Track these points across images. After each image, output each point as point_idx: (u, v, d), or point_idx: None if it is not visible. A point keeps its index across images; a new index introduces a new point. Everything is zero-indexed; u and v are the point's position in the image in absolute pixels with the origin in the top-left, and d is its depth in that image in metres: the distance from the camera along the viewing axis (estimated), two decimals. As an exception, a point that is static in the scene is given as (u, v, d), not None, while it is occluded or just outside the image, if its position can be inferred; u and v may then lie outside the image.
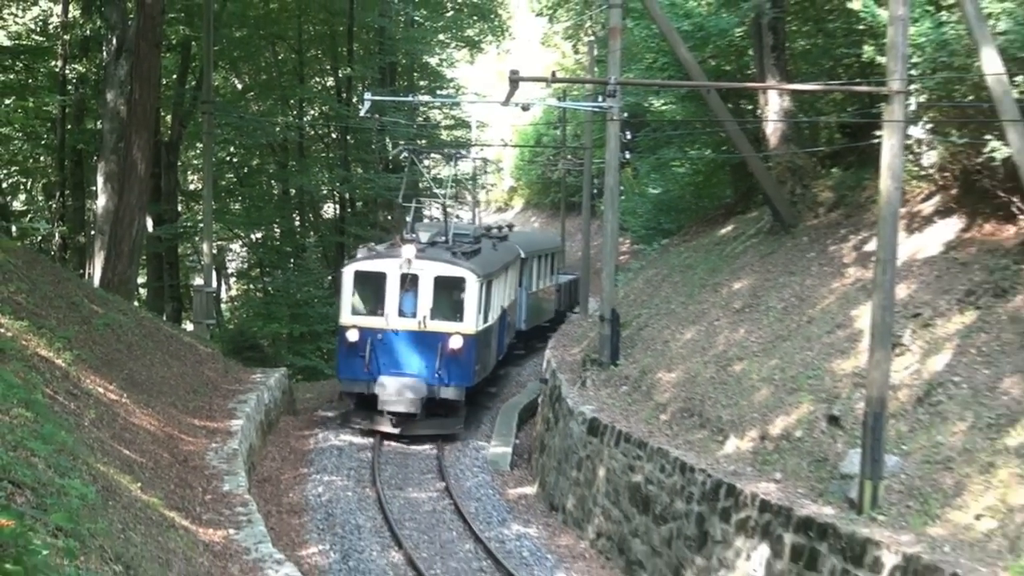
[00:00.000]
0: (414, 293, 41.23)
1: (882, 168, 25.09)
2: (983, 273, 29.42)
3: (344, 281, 42.08)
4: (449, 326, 41.19)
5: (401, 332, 41.11)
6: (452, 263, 41.92)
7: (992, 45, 26.54)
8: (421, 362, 40.93)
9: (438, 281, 41.39)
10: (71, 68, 47.10)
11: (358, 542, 28.98)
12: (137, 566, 15.02)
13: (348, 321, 41.23)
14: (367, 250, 43.54)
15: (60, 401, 21.45)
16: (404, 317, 41.16)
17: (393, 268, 41.22)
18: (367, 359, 40.18)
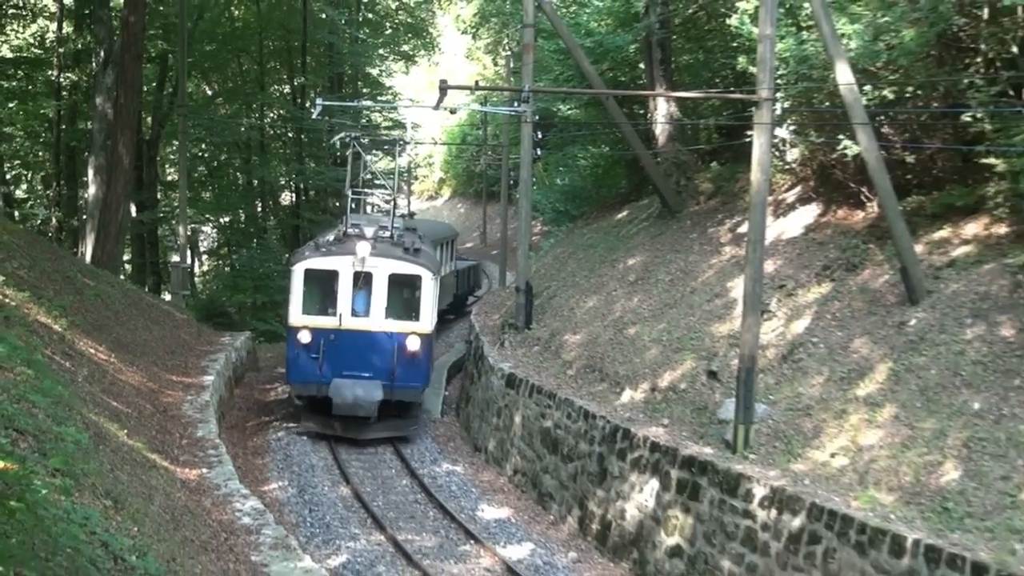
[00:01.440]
0: (367, 292, 34.31)
1: (753, 163, 25.21)
2: (837, 251, 29.64)
3: (294, 279, 34.34)
4: (405, 326, 34.43)
5: (355, 332, 34.12)
6: (407, 260, 34.95)
7: (845, 60, 26.67)
8: (376, 363, 34.11)
9: (392, 279, 34.52)
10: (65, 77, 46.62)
11: (312, 479, 28.99)
12: (124, 500, 14.89)
13: (299, 321, 34.01)
14: (315, 246, 35.60)
15: (57, 360, 21.24)
16: (357, 317, 34.23)
17: (345, 266, 34.05)
18: (320, 361, 33.41)
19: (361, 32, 56.03)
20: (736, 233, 34.31)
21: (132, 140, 40.91)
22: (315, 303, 34.23)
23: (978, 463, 19.82)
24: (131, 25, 39.00)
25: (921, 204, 28.83)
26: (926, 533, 18.36)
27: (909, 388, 22.86)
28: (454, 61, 69.38)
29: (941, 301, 24.97)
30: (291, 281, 34.31)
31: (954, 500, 19.25)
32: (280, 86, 55.73)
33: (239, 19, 52.46)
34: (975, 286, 24.77)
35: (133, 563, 11.57)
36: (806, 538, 20.41)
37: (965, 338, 23.36)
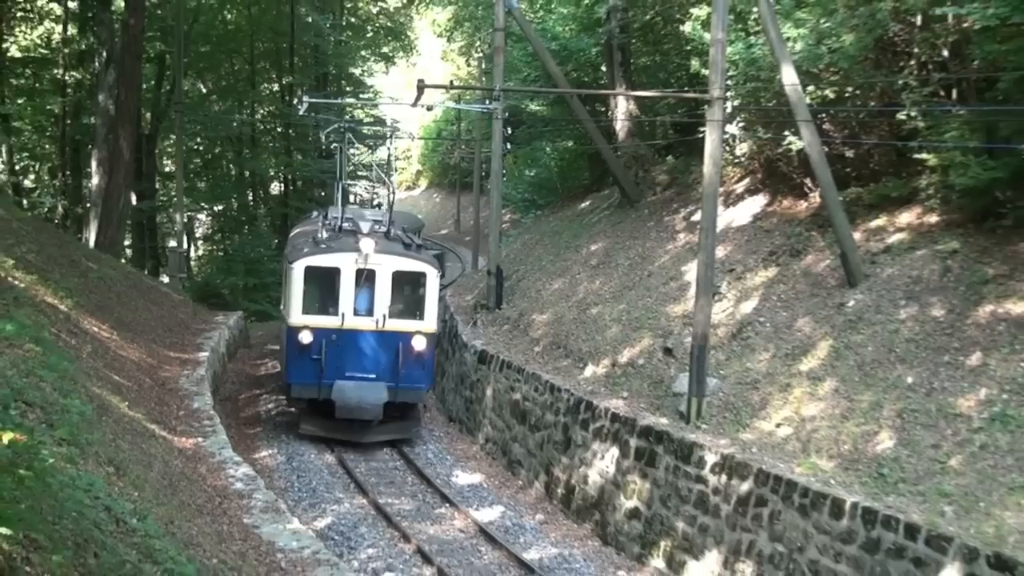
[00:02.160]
0: (370, 290, 30.77)
1: (705, 157, 25.20)
2: (782, 238, 29.70)
3: (293, 277, 30.62)
4: (410, 325, 30.90)
5: (358, 332, 30.52)
6: (411, 257, 31.44)
7: (790, 62, 26.68)
8: (381, 364, 30.59)
9: (397, 276, 30.94)
10: (70, 75, 46.34)
11: (300, 447, 28.94)
12: (125, 467, 14.83)
13: (299, 321, 30.32)
14: (314, 243, 31.57)
15: (63, 338, 21.12)
16: (360, 316, 30.58)
17: (348, 263, 30.41)
18: (322, 362, 29.74)
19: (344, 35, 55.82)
20: (690, 221, 34.34)
21: (132, 134, 40.84)
22: (316, 302, 30.68)
23: (911, 432, 19.92)
24: (131, 27, 39.01)
25: (859, 195, 28.90)
26: (863, 497, 18.46)
27: (848, 364, 22.96)
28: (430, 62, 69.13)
29: (877, 284, 25.05)
30: (290, 279, 30.51)
31: (889, 466, 19.34)
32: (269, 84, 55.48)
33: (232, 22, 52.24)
34: (908, 270, 24.87)
35: (134, 525, 11.52)
36: (753, 501, 20.50)
37: (899, 318, 23.46)
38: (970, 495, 17.69)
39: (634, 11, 43.38)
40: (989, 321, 21.87)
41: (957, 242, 24.84)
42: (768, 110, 31.85)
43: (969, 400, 19.87)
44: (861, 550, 17.88)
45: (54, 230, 39.81)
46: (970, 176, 24.48)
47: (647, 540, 23.55)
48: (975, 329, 21.87)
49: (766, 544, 20.11)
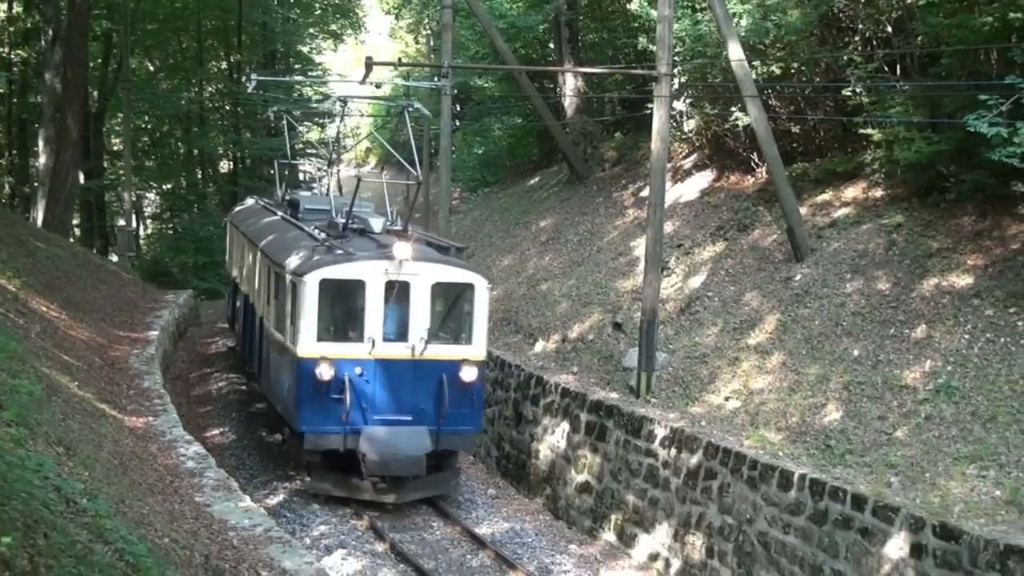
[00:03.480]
0: (403, 307, 23.21)
1: (653, 133, 25.22)
2: (729, 213, 29.81)
3: (304, 295, 22.59)
4: (454, 351, 23.47)
5: (390, 363, 23.01)
6: (454, 264, 24.35)
7: (736, 38, 26.72)
8: (419, 403, 23.20)
9: (437, 290, 23.48)
10: (15, 53, 45.90)
11: (251, 426, 28.59)
12: (76, 447, 14.68)
13: (313, 351, 22.57)
14: (325, 248, 23.80)
15: (11, 318, 20.89)
16: (390, 341, 23.04)
17: (376, 274, 22.77)
18: (346, 403, 22.28)
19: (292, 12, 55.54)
20: (638, 197, 34.39)
21: (79, 113, 40.53)
22: (335, 325, 23.27)
23: (857, 405, 20.07)
24: (77, 5, 38.72)
25: (805, 170, 29.03)
26: (811, 468, 18.57)
27: (795, 337, 23.10)
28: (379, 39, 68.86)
29: (824, 258, 25.18)
30: (300, 296, 22.54)
31: (836, 438, 19.49)
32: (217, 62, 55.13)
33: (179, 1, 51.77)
34: (854, 244, 25.01)
35: (84, 505, 11.41)
36: (703, 474, 20.59)
37: (845, 291, 23.61)
38: (916, 466, 17.84)
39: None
40: (933, 294, 22.03)
41: (902, 216, 25.01)
42: (715, 86, 31.93)
43: (914, 372, 20.02)
44: (809, 521, 17.99)
45: (1, 210, 39.49)
46: (914, 151, 24.62)
47: (598, 514, 23.63)
48: (920, 302, 22.03)
49: (716, 516, 20.20)
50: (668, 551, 21.54)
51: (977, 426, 18.38)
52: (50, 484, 11.28)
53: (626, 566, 21.87)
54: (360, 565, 18.62)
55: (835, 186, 28.01)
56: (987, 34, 22.79)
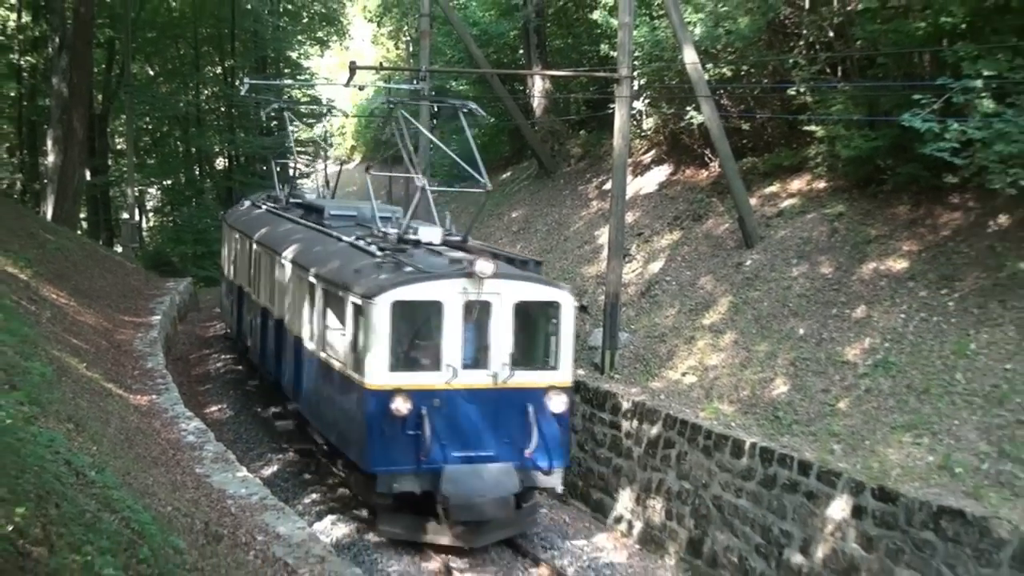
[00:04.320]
0: (484, 330, 18.95)
1: (615, 131, 25.24)
2: (685, 204, 29.87)
3: (375, 319, 18.09)
4: (541, 378, 19.11)
5: (471, 393, 18.78)
6: (538, 281, 19.89)
7: (691, 43, 26.74)
8: (503, 437, 18.96)
9: (520, 310, 19.05)
10: (25, 60, 45.57)
11: (247, 403, 28.43)
12: (84, 424, 14.61)
13: (386, 381, 18.21)
14: (392, 265, 19.07)
15: (23, 305, 20.77)
16: (470, 369, 18.75)
17: (453, 294, 18.52)
18: (425, 440, 18.05)
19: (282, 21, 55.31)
20: (601, 190, 34.41)
21: (85, 115, 40.35)
22: (409, 353, 18.80)
23: (803, 379, 20.17)
24: (82, 15, 38.56)
25: (755, 164, 29.11)
26: (761, 437, 18.67)
27: (746, 317, 23.19)
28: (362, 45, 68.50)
29: (772, 245, 25.26)
30: (368, 321, 17.95)
31: (784, 410, 19.58)
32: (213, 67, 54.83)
33: (176, 9, 51.61)
34: (799, 232, 25.10)
35: (93, 477, 11.36)
36: (662, 443, 20.68)
37: (791, 275, 23.70)
38: (856, 434, 17.94)
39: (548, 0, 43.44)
40: (872, 277, 22.13)
41: (843, 206, 25.09)
42: (671, 87, 31.94)
43: (855, 349, 20.11)
44: (759, 486, 18.09)
45: (13, 205, 39.33)
46: (854, 146, 24.69)
47: (566, 482, 23.68)
48: (860, 285, 22.12)
49: (674, 482, 20.29)
50: (631, 514, 21.64)
51: (912, 398, 18.48)
52: (61, 458, 11.23)
53: (593, 529, 21.92)
54: (348, 528, 18.60)
55: (782, 179, 28.10)
56: (920, 38, 22.85)
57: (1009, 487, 15.81)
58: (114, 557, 8.83)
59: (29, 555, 7.57)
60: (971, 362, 18.69)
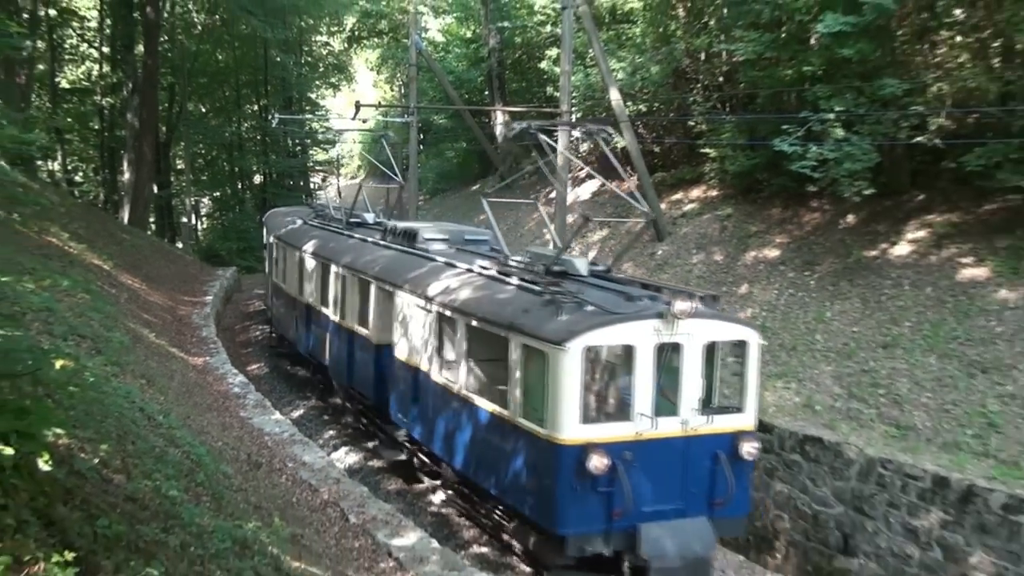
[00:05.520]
0: (672, 374, 12.88)
1: (559, 153, 25.19)
2: (612, 208, 29.85)
3: (565, 367, 11.64)
4: (727, 422, 12.97)
5: (661, 442, 12.43)
6: (726, 318, 13.53)
7: (615, 86, 26.76)
8: (690, 487, 12.70)
9: (709, 350, 12.99)
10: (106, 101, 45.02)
11: (280, 362, 28.06)
12: (154, 379, 14.51)
13: (577, 435, 11.75)
14: (573, 304, 12.32)
15: (106, 289, 20.56)
16: (659, 416, 12.37)
17: (645, 337, 12.16)
18: (621, 497, 11.75)
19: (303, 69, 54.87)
20: (548, 197, 34.35)
21: (152, 142, 39.98)
22: (600, 402, 13.49)
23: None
24: (149, 65, 38.23)
25: (664, 178, 29.19)
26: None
27: (658, 294, 23.23)
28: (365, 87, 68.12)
29: (677, 239, 25.34)
30: (555, 369, 11.94)
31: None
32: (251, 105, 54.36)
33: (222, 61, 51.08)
34: (698, 229, 25.19)
35: (161, 421, 11.29)
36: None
37: (692, 262, 23.78)
38: (741, 381, 18.02)
39: (507, 51, 43.34)
40: (753, 263, 22.26)
41: (731, 209, 25.23)
42: (600, 119, 31.98)
43: (741, 316, 20.20)
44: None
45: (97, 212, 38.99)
46: (738, 164, 24.86)
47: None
48: (743, 268, 22.24)
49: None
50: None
51: (783, 353, 18.62)
52: (136, 406, 11.16)
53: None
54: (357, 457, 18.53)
55: (684, 188, 28.21)
56: (788, 82, 22.96)
57: (856, 420, 15.99)
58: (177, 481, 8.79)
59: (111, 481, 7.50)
60: (827, 326, 18.86)
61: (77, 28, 45.87)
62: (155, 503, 7.60)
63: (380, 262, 18.42)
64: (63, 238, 22.97)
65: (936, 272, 18.99)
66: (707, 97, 28.36)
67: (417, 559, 10.63)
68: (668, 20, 29.24)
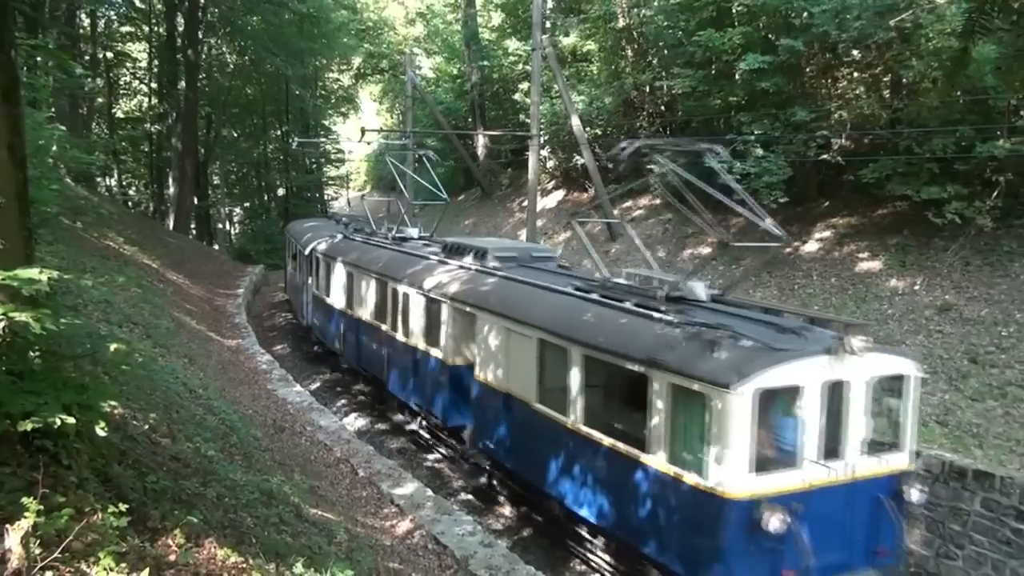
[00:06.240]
0: (837, 414, 8.80)
1: (529, 169, 25.12)
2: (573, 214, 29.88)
3: (734, 412, 8.08)
4: (888, 463, 9.02)
5: (825, 491, 8.52)
6: (887, 351, 9.38)
7: (576, 113, 26.74)
8: (852, 535, 8.82)
9: (874, 386, 9.01)
10: (154, 128, 44.64)
11: (302, 344, 27.70)
12: (195, 358, 14.41)
13: (747, 488, 8.08)
14: (731, 339, 8.71)
15: (155, 284, 20.39)
16: (824, 461, 8.59)
17: (814, 376, 8.46)
18: (793, 552, 8.06)
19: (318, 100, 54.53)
20: (521, 206, 34.34)
21: (193, 162, 39.64)
22: (767, 449, 8.68)
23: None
24: (190, 99, 37.94)
25: (617, 189, 29.22)
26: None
27: (612, 285, 23.20)
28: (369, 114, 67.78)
29: (627, 240, 25.35)
30: (723, 414, 8.27)
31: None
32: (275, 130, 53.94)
33: (250, 94, 50.60)
34: (645, 231, 25.21)
35: (201, 393, 11.21)
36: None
37: (640, 258, 23.81)
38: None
39: (487, 85, 43.23)
40: (690, 258, 22.32)
41: (671, 214, 25.24)
42: (564, 141, 31.95)
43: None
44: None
45: (147, 220, 38.67)
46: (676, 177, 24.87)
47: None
48: (682, 263, 22.29)
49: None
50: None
51: (714, 333, 18.63)
52: (179, 381, 11.07)
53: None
54: (365, 421, 18.45)
55: (634, 198, 28.22)
56: (717, 110, 23.02)
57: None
58: (214, 443, 8.73)
59: (159, 444, 7.44)
60: (750, 310, 18.93)
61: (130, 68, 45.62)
62: (196, 461, 7.55)
63: (452, 281, 14.37)
64: (119, 242, 22.74)
65: (839, 265, 19.12)
66: (651, 123, 28.40)
67: (415, 505, 10.61)
68: (619, 59, 29.23)
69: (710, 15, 22.67)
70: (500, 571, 8.89)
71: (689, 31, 23.30)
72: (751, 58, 20.03)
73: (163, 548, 5.08)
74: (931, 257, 17.82)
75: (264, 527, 6.82)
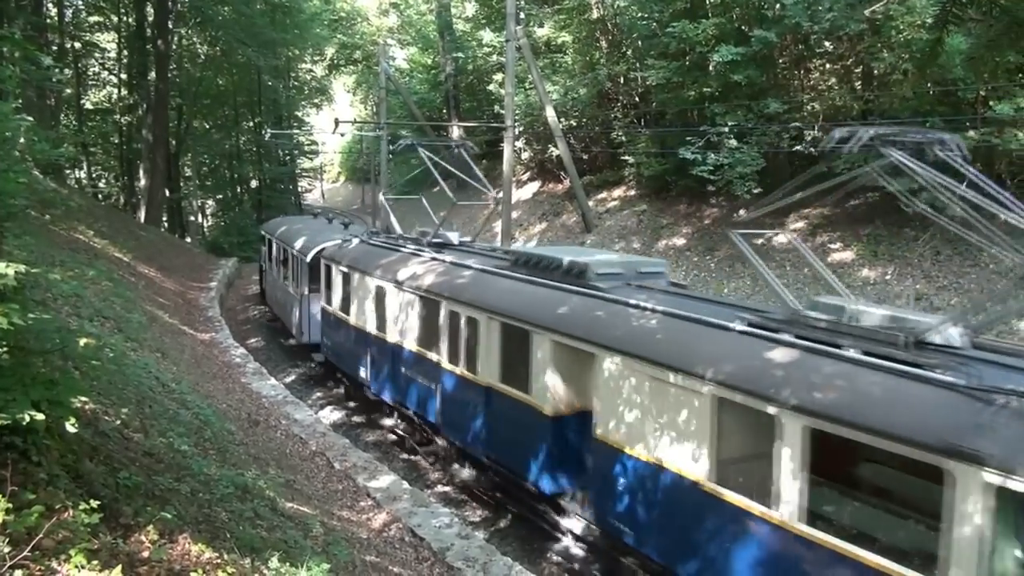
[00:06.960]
0: None
1: (504, 160, 25.09)
2: (548, 205, 29.89)
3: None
4: None
5: None
6: None
7: (551, 104, 26.73)
8: None
9: None
10: (124, 119, 44.08)
11: (277, 336, 27.55)
12: (167, 352, 14.26)
13: None
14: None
15: (126, 277, 20.13)
16: None
17: None
18: None
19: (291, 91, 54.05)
20: (497, 198, 34.26)
21: (164, 153, 39.17)
22: None
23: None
24: (160, 89, 37.49)
25: (591, 180, 29.22)
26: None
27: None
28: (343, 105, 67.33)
29: (603, 230, 25.41)
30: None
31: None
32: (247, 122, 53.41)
33: (222, 85, 50.05)
34: (620, 222, 25.28)
35: (174, 387, 11.10)
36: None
37: (615, 249, 23.84)
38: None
39: (461, 76, 43.09)
40: (664, 249, 22.39)
41: (646, 206, 25.34)
42: (538, 132, 31.92)
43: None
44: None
45: (118, 212, 38.25)
46: (651, 169, 24.93)
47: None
48: (656, 254, 22.36)
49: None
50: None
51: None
52: (152, 376, 10.95)
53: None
54: (340, 415, 18.38)
55: (608, 189, 28.29)
56: (691, 101, 23.11)
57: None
58: (188, 438, 8.65)
59: (131, 439, 7.36)
60: (724, 301, 19.05)
61: (99, 58, 44.97)
62: (169, 457, 7.48)
63: (544, 307, 10.77)
64: (89, 235, 22.43)
65: (811, 255, 19.27)
66: (626, 114, 28.45)
67: (391, 498, 10.58)
68: (593, 51, 29.25)
69: (684, 6, 22.74)
70: (477, 563, 8.90)
71: (663, 22, 23.36)
72: (724, 50, 20.11)
73: (136, 545, 5.03)
74: (902, 247, 18.02)
75: (239, 522, 6.78)
